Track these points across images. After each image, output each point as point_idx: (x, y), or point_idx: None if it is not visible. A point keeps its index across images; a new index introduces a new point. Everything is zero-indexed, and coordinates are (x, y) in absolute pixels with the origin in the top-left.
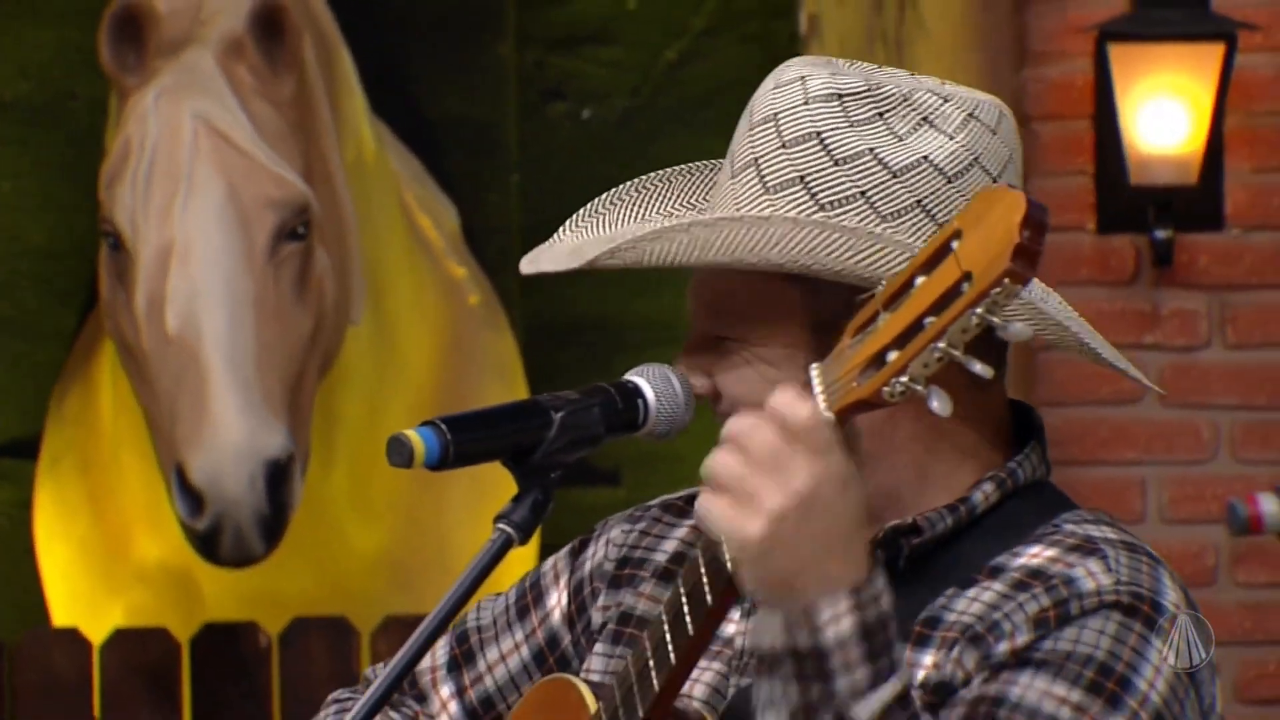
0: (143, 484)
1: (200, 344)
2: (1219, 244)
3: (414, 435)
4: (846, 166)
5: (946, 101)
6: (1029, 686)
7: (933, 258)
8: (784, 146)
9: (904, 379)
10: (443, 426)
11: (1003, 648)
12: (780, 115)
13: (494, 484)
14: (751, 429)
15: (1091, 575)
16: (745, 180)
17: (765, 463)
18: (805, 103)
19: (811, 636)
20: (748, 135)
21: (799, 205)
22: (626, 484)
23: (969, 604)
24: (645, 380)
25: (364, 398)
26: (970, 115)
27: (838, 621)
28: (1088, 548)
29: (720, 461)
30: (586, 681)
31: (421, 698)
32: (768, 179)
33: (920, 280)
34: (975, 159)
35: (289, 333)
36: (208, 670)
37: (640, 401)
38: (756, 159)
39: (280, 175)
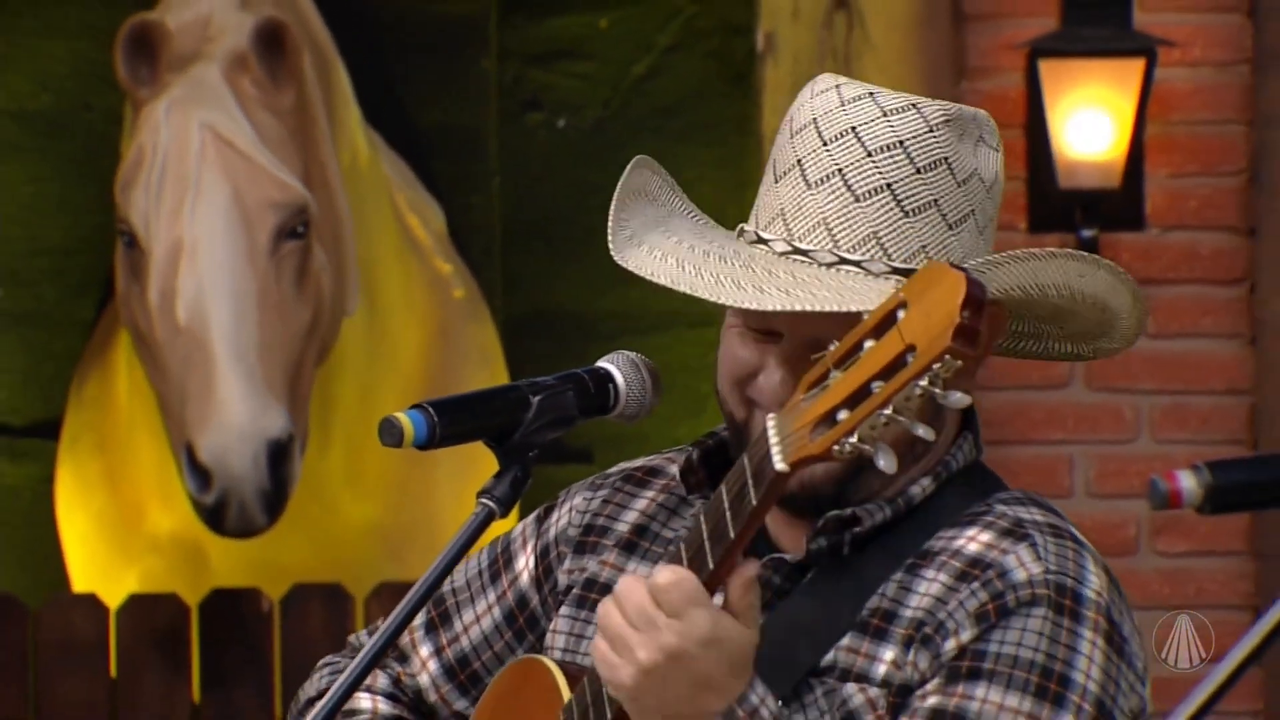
0: (155, 462)
1: (208, 334)
2: (1140, 242)
3: (404, 417)
4: (927, 174)
5: (984, 122)
6: (984, 701)
7: (880, 325)
8: (869, 155)
9: (853, 439)
10: (430, 409)
11: (950, 645)
12: (859, 128)
13: (477, 461)
14: (629, 588)
15: (1023, 565)
16: (832, 188)
17: (638, 620)
18: (884, 115)
19: None
20: (825, 149)
21: (886, 210)
22: (598, 462)
23: (919, 599)
24: (615, 367)
25: (358, 383)
26: (991, 138)
27: None
28: (1018, 533)
29: (604, 611)
30: (561, 664)
31: (403, 658)
32: (855, 187)
33: (869, 344)
34: (997, 175)
35: (289, 323)
36: (215, 632)
37: (611, 387)
38: (841, 169)
39: (281, 179)
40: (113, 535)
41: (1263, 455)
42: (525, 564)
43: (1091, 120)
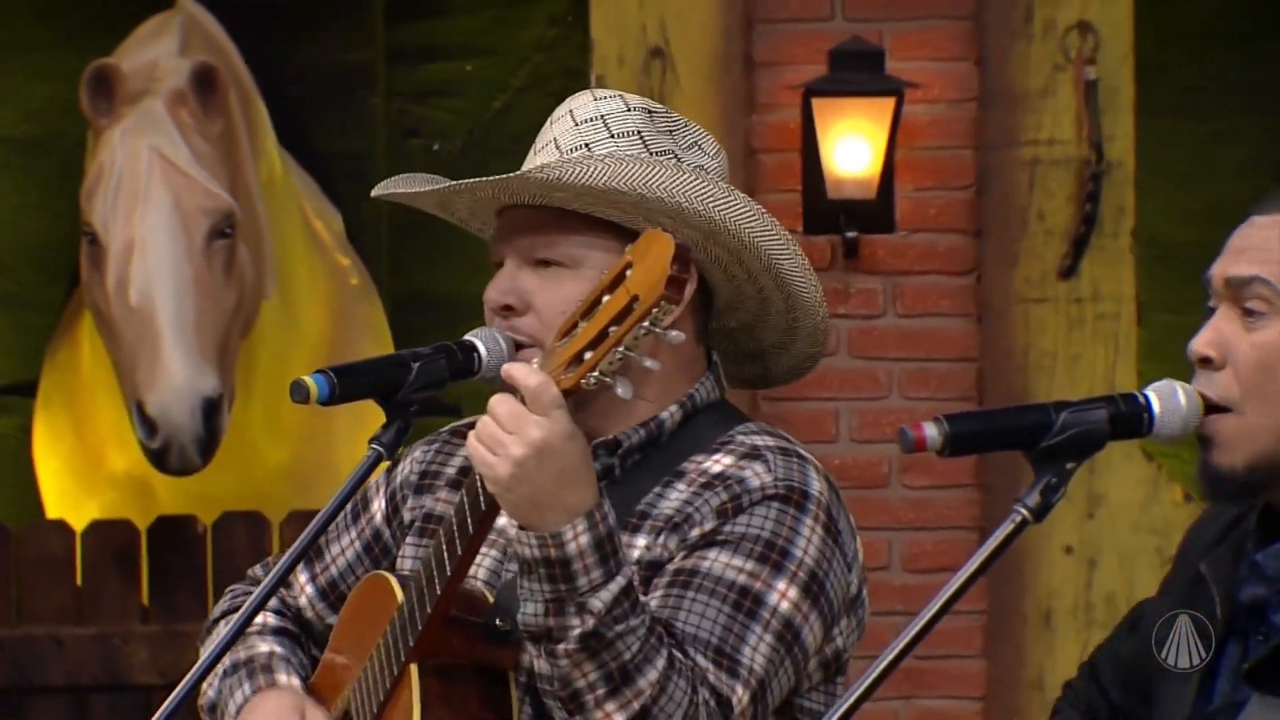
0: (113, 415)
1: (154, 313)
2: (890, 242)
3: (310, 380)
4: (620, 140)
5: (690, 125)
6: (715, 560)
7: (613, 282)
8: (576, 125)
9: (595, 374)
10: (331, 374)
11: (695, 532)
12: (575, 109)
13: (368, 415)
14: (500, 400)
15: (757, 475)
16: (548, 151)
17: (509, 422)
18: (594, 100)
19: (559, 550)
20: (549, 128)
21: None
22: (465, 415)
23: (670, 503)
24: (479, 340)
25: (273, 352)
26: (706, 142)
27: (577, 538)
28: (754, 454)
29: (482, 422)
30: (397, 575)
31: (286, 585)
32: (563, 147)
33: (606, 298)
34: (697, 161)
35: (219, 305)
36: (160, 550)
37: (475, 355)
38: (556, 138)
39: (212, 190)
40: (78, 473)
41: (987, 410)
42: (379, 506)
43: (853, 146)
